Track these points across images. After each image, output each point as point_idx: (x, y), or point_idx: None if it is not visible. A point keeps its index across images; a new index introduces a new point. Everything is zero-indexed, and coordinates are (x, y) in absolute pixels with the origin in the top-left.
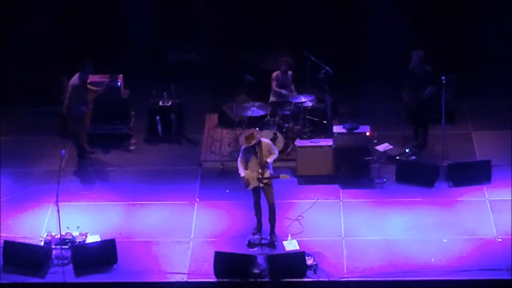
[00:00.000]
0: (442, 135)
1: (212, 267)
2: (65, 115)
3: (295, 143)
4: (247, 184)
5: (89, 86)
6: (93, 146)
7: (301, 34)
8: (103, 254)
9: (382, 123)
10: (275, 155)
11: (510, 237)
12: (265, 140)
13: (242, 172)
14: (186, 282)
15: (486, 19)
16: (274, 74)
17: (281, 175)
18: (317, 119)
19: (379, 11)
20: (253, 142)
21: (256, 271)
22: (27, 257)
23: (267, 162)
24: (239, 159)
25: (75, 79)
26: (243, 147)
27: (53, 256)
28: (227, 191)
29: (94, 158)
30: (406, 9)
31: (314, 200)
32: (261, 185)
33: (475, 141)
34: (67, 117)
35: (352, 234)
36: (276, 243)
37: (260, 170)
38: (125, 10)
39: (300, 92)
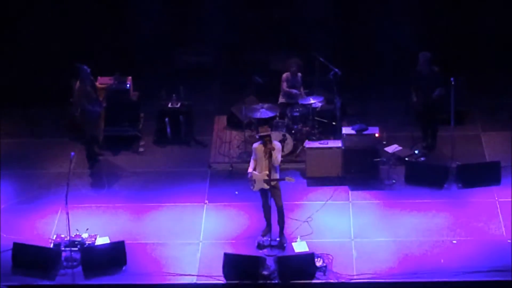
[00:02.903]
0: (451, 136)
1: (221, 268)
2: (80, 120)
3: (304, 144)
4: (252, 182)
5: (98, 85)
6: (103, 148)
7: (310, 35)
8: (112, 256)
9: (391, 125)
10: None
11: None
12: (278, 144)
13: (249, 168)
14: (195, 284)
15: (495, 19)
16: (284, 75)
17: (286, 178)
18: (326, 121)
19: (387, 12)
20: (267, 133)
21: (265, 272)
22: (37, 259)
23: (274, 166)
24: (252, 157)
25: (78, 84)
26: (254, 145)
27: (62, 258)
28: (236, 192)
29: (103, 160)
30: (415, 9)
31: (324, 202)
32: (267, 186)
33: (484, 142)
34: (83, 122)
35: (362, 235)
36: (285, 244)
37: (267, 172)
38: (133, 12)
39: (309, 93)
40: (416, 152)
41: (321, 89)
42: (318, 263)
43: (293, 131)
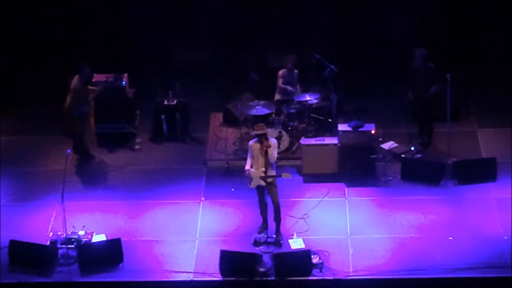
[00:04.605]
0: (447, 132)
1: (217, 265)
2: (68, 117)
3: (300, 141)
4: (248, 179)
5: (89, 87)
6: (98, 146)
7: (306, 32)
8: (108, 253)
9: (387, 121)
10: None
11: None
12: (274, 141)
13: (246, 166)
14: (192, 281)
15: (492, 15)
16: (280, 71)
17: (282, 174)
18: (322, 118)
19: (383, 8)
20: (263, 131)
21: (261, 269)
22: (33, 257)
23: (271, 163)
24: (248, 154)
25: (75, 82)
26: (250, 143)
27: (59, 256)
28: (233, 189)
29: (99, 158)
30: (411, 6)
31: (320, 199)
32: (263, 183)
33: (480, 139)
34: (71, 119)
35: (358, 232)
36: (281, 241)
37: (263, 169)
38: (130, 9)
39: (305, 90)
40: (412, 148)
41: (317, 86)
42: (315, 259)
43: (289, 128)
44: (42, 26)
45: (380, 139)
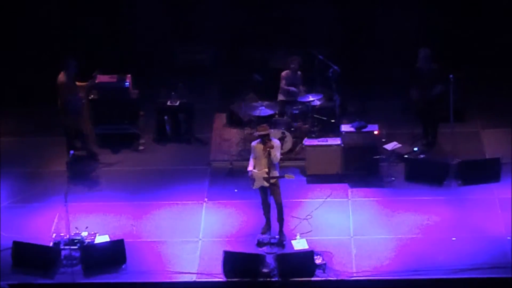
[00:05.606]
0: (451, 133)
1: (221, 266)
2: (63, 116)
3: (304, 142)
4: (251, 181)
5: (77, 83)
6: (102, 146)
7: (309, 33)
8: (112, 255)
9: (391, 122)
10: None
11: None
12: (276, 142)
13: (249, 167)
14: (195, 282)
15: (495, 16)
16: (284, 72)
17: (285, 175)
18: (325, 118)
19: (387, 9)
20: (266, 132)
21: (265, 270)
22: (36, 258)
23: (274, 164)
24: (251, 155)
25: (61, 78)
26: (253, 144)
27: (62, 257)
28: (236, 190)
29: (103, 158)
30: (415, 6)
31: (323, 199)
32: (266, 184)
33: (484, 139)
34: (67, 117)
35: (361, 233)
36: (285, 242)
37: (266, 170)
38: (133, 10)
39: (309, 91)
40: (416, 149)
41: (320, 86)
42: (318, 260)
43: (292, 129)
44: (42, 26)
45: (384, 140)
